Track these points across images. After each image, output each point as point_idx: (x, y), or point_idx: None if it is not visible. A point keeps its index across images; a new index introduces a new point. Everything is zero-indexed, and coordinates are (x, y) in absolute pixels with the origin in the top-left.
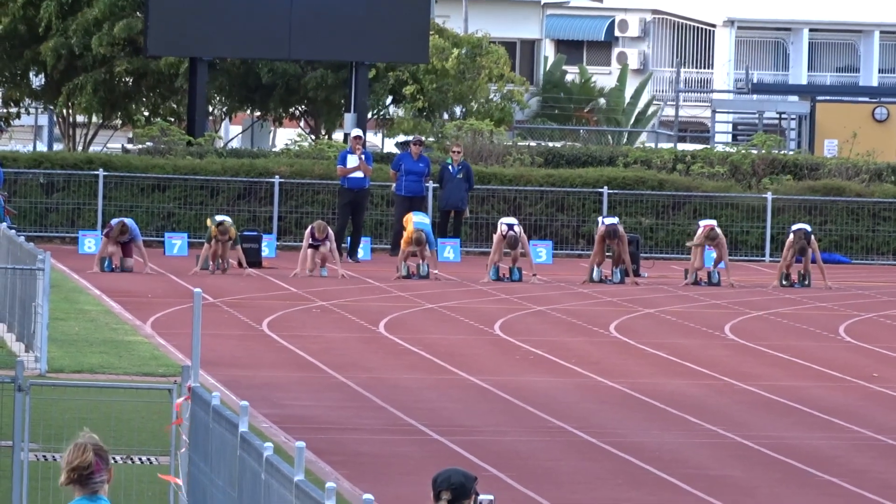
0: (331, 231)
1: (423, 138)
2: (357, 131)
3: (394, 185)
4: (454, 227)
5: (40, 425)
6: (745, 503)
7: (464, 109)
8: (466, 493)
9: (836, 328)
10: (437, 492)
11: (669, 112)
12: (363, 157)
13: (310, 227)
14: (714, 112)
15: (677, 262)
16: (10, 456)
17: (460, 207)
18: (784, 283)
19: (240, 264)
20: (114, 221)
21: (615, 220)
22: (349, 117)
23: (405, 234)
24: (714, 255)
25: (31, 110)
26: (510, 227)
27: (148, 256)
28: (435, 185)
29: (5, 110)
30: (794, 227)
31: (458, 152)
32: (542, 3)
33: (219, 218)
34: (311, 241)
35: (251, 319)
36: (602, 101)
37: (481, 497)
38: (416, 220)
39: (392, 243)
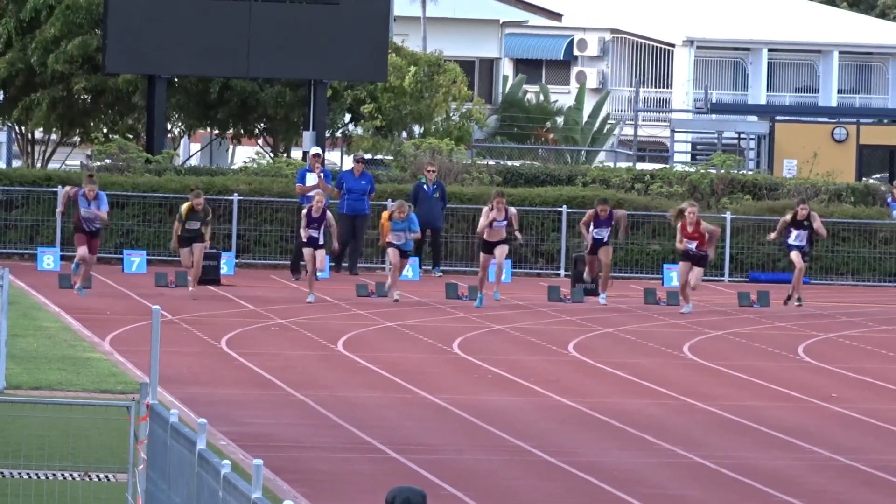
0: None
1: (365, 155)
2: (316, 149)
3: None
4: (432, 244)
5: None
6: None
7: (422, 128)
8: None
9: (795, 348)
10: None
11: (628, 131)
12: (322, 175)
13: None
14: (673, 131)
15: (636, 282)
16: None
17: (436, 226)
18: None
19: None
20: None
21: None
22: (307, 135)
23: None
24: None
25: None
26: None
27: (105, 275)
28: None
29: None
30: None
31: (433, 171)
32: (500, 23)
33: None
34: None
35: (210, 337)
36: (560, 119)
37: None
38: (394, 240)
39: (335, 261)
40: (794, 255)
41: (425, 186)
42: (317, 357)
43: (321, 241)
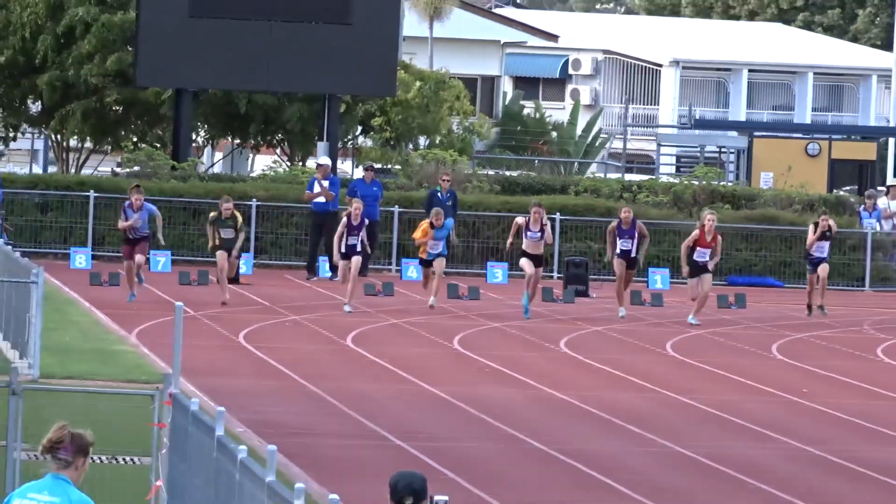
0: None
1: (375, 164)
2: (324, 159)
3: None
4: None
5: (32, 427)
6: None
7: (427, 140)
8: (425, 495)
9: (769, 347)
10: (399, 497)
11: (618, 145)
12: (327, 182)
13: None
14: (659, 145)
15: (609, 285)
16: (3, 455)
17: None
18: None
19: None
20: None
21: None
22: (321, 146)
23: (422, 233)
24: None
25: (28, 135)
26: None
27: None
28: (422, 210)
29: (3, 134)
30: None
31: (448, 180)
32: (501, 43)
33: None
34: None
35: (229, 332)
36: (555, 133)
37: (437, 497)
38: (431, 251)
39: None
40: (823, 269)
41: (440, 194)
42: (327, 351)
43: (359, 249)
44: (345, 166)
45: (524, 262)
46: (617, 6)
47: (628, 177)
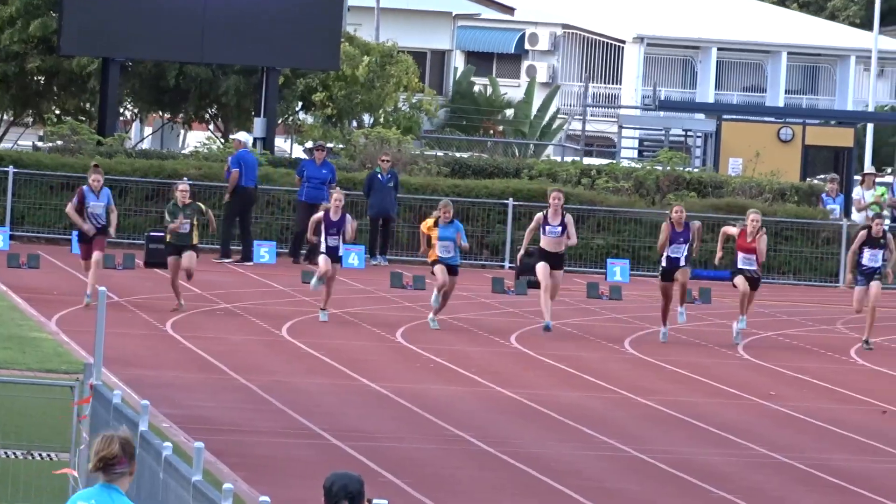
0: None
1: (326, 143)
2: (241, 135)
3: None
4: (383, 234)
5: None
6: None
7: (372, 118)
8: (362, 499)
9: (735, 345)
10: (334, 500)
11: (577, 126)
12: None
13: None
14: (621, 127)
15: (579, 276)
16: None
17: (389, 214)
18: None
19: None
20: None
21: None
22: (259, 122)
23: (426, 230)
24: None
25: None
26: None
27: (53, 255)
28: (361, 193)
29: None
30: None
31: (387, 161)
32: (453, 15)
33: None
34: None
35: (155, 320)
36: (509, 112)
37: (375, 501)
38: (441, 253)
39: (292, 248)
40: (875, 286)
41: (379, 175)
42: (261, 342)
43: (340, 253)
44: (284, 145)
45: (540, 268)
46: None
47: (587, 160)
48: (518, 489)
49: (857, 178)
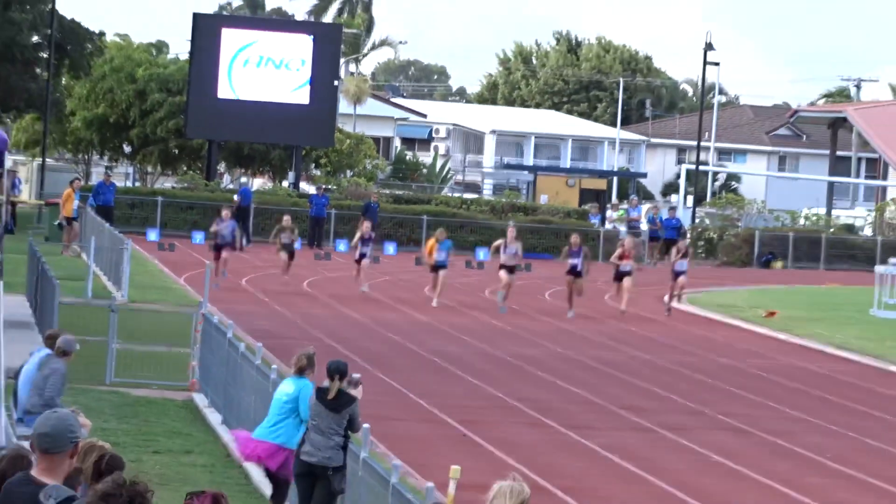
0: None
1: (323, 185)
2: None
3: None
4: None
5: (122, 331)
6: None
7: (352, 172)
8: (346, 374)
9: (543, 294)
10: (332, 375)
11: (460, 177)
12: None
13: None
14: (483, 178)
15: (460, 257)
16: (106, 346)
17: (374, 224)
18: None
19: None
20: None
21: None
22: (291, 174)
23: (429, 248)
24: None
25: (123, 165)
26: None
27: (182, 244)
28: (355, 211)
29: (111, 164)
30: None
31: (375, 195)
32: (395, 118)
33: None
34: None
35: (254, 288)
36: (424, 170)
37: (354, 375)
38: (438, 258)
39: (309, 240)
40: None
41: (372, 203)
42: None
43: (367, 256)
44: (304, 186)
45: (502, 273)
46: (461, 98)
47: (465, 195)
48: (428, 369)
49: (609, 206)
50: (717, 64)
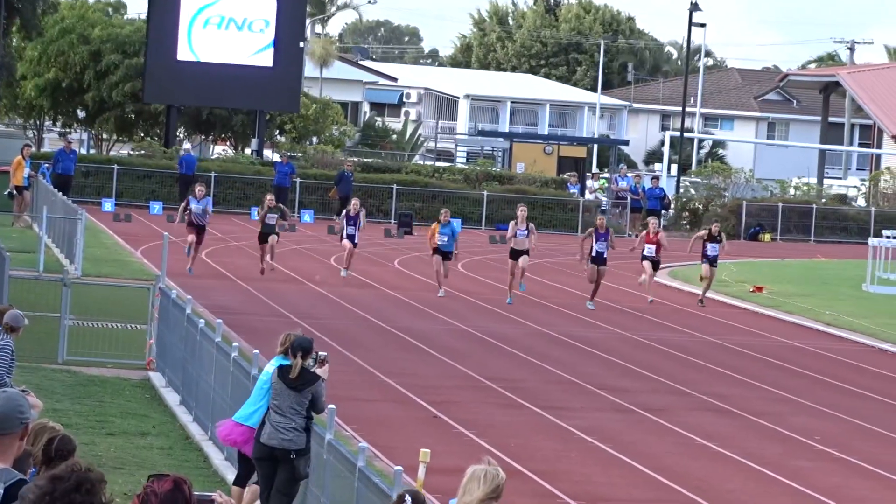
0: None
1: (288, 153)
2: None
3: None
4: (344, 205)
5: (76, 307)
6: None
7: (318, 139)
8: (311, 351)
9: (393, 260)
10: (295, 352)
11: (432, 144)
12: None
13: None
14: (456, 145)
15: (425, 228)
16: (58, 322)
17: (349, 194)
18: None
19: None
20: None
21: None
22: (254, 141)
23: (432, 234)
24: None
25: (77, 131)
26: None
27: (139, 214)
28: (331, 182)
29: (65, 131)
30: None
31: (350, 164)
32: (363, 82)
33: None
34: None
35: (208, 258)
36: (395, 136)
37: (320, 353)
38: (439, 242)
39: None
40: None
41: (346, 173)
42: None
43: (356, 238)
44: (268, 153)
45: (511, 263)
46: (433, 61)
47: (438, 163)
48: (400, 346)
49: (589, 174)
50: (703, 25)
